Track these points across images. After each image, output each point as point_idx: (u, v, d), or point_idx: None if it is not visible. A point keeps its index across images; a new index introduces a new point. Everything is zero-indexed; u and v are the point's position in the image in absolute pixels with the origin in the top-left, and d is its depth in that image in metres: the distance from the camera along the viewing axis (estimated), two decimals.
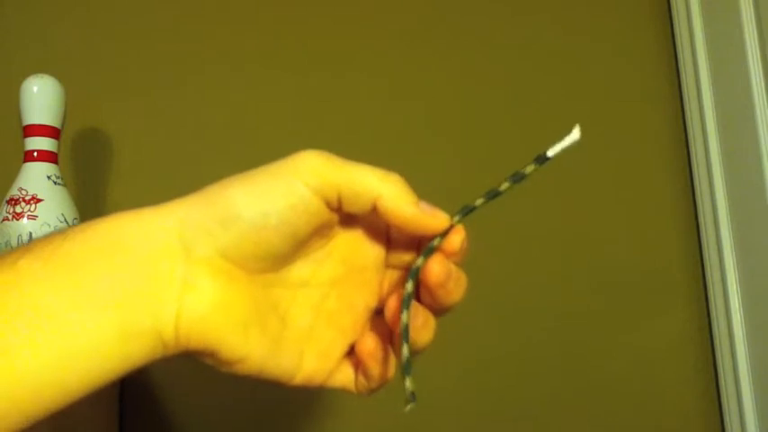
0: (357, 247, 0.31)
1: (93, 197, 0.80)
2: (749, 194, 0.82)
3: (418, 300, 0.30)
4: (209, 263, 0.26)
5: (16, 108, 0.63)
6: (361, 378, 0.30)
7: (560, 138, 0.29)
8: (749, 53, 0.82)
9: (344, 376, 0.31)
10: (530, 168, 0.30)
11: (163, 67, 0.85)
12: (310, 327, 0.30)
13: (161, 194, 0.92)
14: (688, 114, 0.92)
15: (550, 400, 0.84)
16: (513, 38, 0.93)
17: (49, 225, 0.60)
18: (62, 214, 0.61)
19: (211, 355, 0.27)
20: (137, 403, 0.78)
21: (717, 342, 0.87)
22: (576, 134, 0.29)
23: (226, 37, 0.87)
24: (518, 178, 0.30)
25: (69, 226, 0.61)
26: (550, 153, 0.29)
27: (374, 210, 0.28)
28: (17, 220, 0.59)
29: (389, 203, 0.28)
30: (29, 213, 0.60)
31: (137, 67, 0.85)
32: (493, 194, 0.30)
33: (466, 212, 0.30)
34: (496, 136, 0.90)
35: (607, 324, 0.87)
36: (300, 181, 0.27)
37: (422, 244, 0.31)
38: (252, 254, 0.27)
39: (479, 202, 0.30)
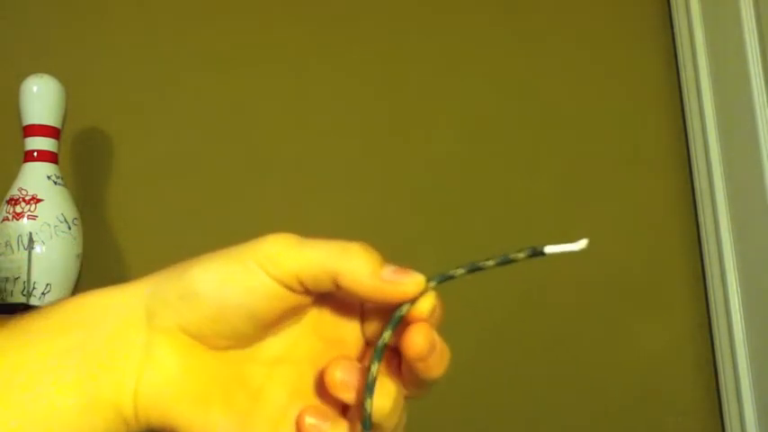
0: (332, 321, 0.30)
1: (93, 197, 0.80)
2: (749, 194, 0.82)
3: (398, 368, 0.29)
4: (170, 335, 0.26)
5: (16, 108, 0.63)
6: None
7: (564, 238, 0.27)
8: (749, 53, 0.82)
9: None
10: (521, 256, 0.28)
11: (163, 67, 0.85)
12: (286, 406, 0.29)
13: (161, 194, 0.92)
14: (688, 114, 0.92)
15: (551, 399, 0.84)
16: (513, 37, 0.93)
17: (49, 225, 0.60)
18: (62, 214, 0.61)
19: None
20: None
21: (717, 342, 0.87)
22: (581, 245, 0.27)
23: (225, 36, 0.87)
24: (505, 261, 0.28)
25: (68, 226, 0.61)
26: (548, 251, 0.28)
27: (339, 288, 0.27)
28: (17, 220, 0.59)
29: (347, 281, 0.26)
30: (29, 213, 0.60)
31: (137, 67, 0.85)
32: (475, 268, 0.28)
33: (441, 280, 0.28)
34: (495, 136, 0.90)
35: (607, 324, 0.87)
36: (260, 268, 0.26)
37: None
38: (212, 331, 0.26)
39: (459, 272, 0.28)
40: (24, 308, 0.59)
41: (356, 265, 0.26)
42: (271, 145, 0.86)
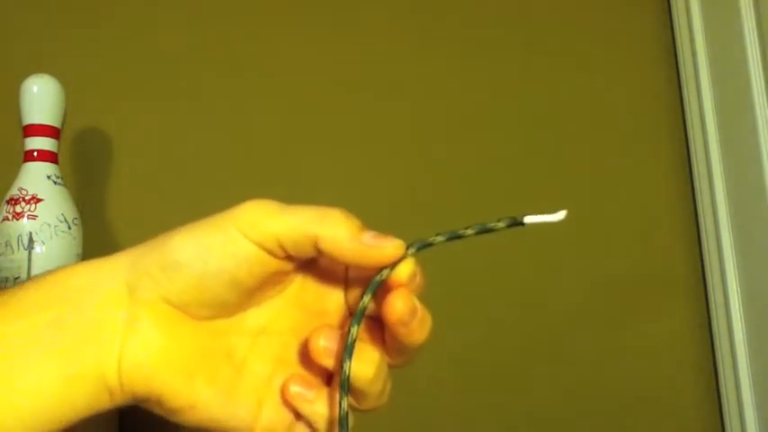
0: (316, 292, 0.30)
1: (93, 197, 0.80)
2: (749, 194, 0.82)
3: (381, 338, 0.29)
4: (153, 307, 0.26)
5: (16, 108, 0.63)
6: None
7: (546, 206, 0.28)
8: (749, 53, 0.82)
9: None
10: (499, 225, 0.29)
11: (163, 67, 0.85)
12: (269, 376, 0.29)
13: (161, 194, 0.92)
14: (688, 114, 0.92)
15: (550, 399, 0.84)
16: (512, 37, 0.93)
17: (49, 225, 0.60)
18: (62, 214, 0.61)
19: (157, 402, 0.26)
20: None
21: (717, 342, 0.87)
22: (560, 216, 0.28)
23: (226, 36, 0.87)
24: (484, 230, 0.29)
25: (68, 226, 0.61)
26: (527, 221, 0.28)
27: (320, 252, 0.27)
28: (17, 220, 0.59)
29: (327, 244, 0.26)
30: (29, 213, 0.60)
31: (137, 67, 0.85)
32: (454, 236, 0.29)
33: (421, 246, 0.28)
34: (494, 135, 0.90)
35: (607, 324, 0.87)
36: (240, 234, 0.26)
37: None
38: (195, 300, 0.27)
39: (439, 239, 0.28)
40: None
41: (336, 229, 0.26)
42: (271, 144, 0.86)
